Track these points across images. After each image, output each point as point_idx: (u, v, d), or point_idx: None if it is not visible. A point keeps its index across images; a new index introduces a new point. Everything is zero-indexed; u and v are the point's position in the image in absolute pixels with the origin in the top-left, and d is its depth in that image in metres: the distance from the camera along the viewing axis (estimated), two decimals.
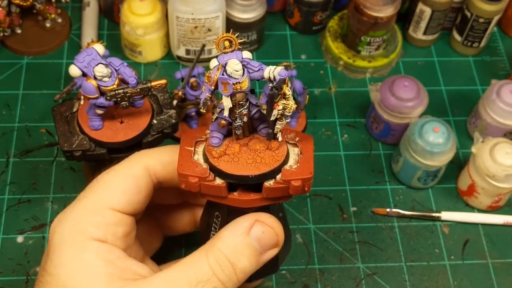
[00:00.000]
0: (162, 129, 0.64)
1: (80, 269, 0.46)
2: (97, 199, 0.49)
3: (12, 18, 0.87)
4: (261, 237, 0.46)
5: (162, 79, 0.61)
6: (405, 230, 0.78)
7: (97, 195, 0.50)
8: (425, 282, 0.74)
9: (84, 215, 0.48)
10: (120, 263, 0.47)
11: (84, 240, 0.47)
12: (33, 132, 0.82)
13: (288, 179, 0.45)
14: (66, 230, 0.48)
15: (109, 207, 0.49)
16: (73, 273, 0.46)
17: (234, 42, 0.45)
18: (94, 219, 0.48)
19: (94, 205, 0.49)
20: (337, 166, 0.83)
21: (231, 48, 0.45)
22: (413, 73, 0.88)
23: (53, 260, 0.47)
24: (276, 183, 0.45)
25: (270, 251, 0.48)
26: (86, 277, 0.45)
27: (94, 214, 0.48)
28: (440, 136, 0.76)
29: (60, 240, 0.47)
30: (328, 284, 0.73)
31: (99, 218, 0.48)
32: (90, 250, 0.46)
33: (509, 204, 0.81)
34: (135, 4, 0.85)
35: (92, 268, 0.46)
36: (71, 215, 0.49)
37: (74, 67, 0.59)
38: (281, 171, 0.46)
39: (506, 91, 0.80)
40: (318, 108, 0.88)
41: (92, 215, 0.48)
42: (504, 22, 0.98)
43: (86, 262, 0.46)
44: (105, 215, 0.48)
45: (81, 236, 0.47)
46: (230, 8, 0.87)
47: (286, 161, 0.46)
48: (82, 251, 0.46)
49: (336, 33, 0.93)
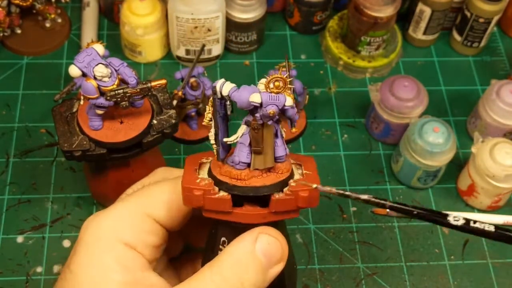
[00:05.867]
0: (162, 129, 0.64)
1: (98, 273, 0.45)
2: (138, 204, 0.49)
3: (12, 18, 0.87)
4: (266, 249, 0.45)
5: (162, 79, 0.61)
6: (405, 230, 0.78)
7: (139, 200, 0.49)
8: (425, 282, 0.74)
9: (121, 216, 0.48)
10: (139, 274, 0.46)
11: (112, 241, 0.46)
12: (33, 132, 0.82)
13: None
14: (99, 228, 0.47)
15: (148, 214, 0.49)
16: (91, 276, 0.45)
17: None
18: (130, 223, 0.47)
19: (134, 209, 0.48)
20: (337, 166, 0.83)
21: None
22: (413, 73, 0.88)
23: (78, 258, 0.47)
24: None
25: (276, 266, 0.47)
26: (101, 282, 0.45)
27: (131, 217, 0.48)
28: (440, 136, 0.76)
29: (90, 238, 0.47)
30: (328, 284, 0.73)
31: (135, 222, 0.48)
32: (114, 253, 0.46)
33: (509, 204, 0.81)
34: (135, 4, 0.85)
35: (109, 273, 0.45)
36: (109, 213, 0.48)
37: (74, 67, 0.59)
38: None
39: (506, 91, 0.80)
40: (318, 108, 0.88)
41: (129, 218, 0.48)
42: (504, 22, 0.98)
43: (105, 267, 0.45)
44: (143, 221, 0.48)
45: (111, 237, 0.46)
46: (230, 8, 0.87)
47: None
48: (105, 252, 0.46)
49: (336, 33, 0.93)
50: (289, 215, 0.46)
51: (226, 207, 0.45)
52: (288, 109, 0.44)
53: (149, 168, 0.70)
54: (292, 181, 0.45)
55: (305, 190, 0.44)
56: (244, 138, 0.45)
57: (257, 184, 0.45)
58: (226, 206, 0.45)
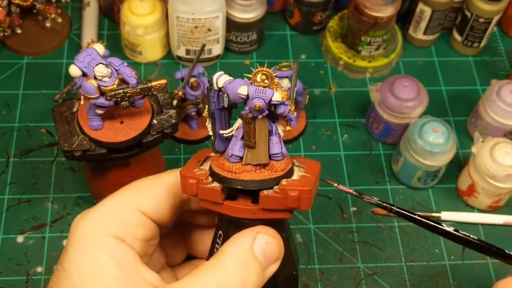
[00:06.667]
0: (162, 129, 0.64)
1: (92, 269, 0.45)
2: (124, 198, 0.49)
3: (12, 18, 0.87)
4: (265, 249, 0.46)
5: (162, 79, 0.61)
6: (405, 230, 0.78)
7: (125, 195, 0.50)
8: (425, 282, 0.74)
9: (109, 211, 0.48)
10: (131, 268, 0.46)
11: (102, 235, 0.46)
12: (33, 132, 0.82)
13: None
14: (88, 224, 0.48)
15: (135, 207, 0.49)
16: (85, 272, 0.45)
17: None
18: (118, 216, 0.48)
19: (121, 203, 0.49)
20: (337, 166, 0.83)
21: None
22: (413, 73, 0.88)
23: (70, 255, 0.47)
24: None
25: (273, 266, 0.47)
26: (95, 278, 0.45)
27: (118, 211, 0.48)
28: (440, 136, 0.76)
29: (80, 235, 0.47)
30: (328, 284, 0.73)
31: (122, 215, 0.48)
32: (105, 248, 0.46)
33: (509, 204, 0.81)
34: (135, 4, 0.85)
35: (104, 269, 0.45)
36: (96, 210, 0.49)
37: (74, 67, 0.59)
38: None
39: (506, 91, 0.80)
40: (318, 108, 0.88)
41: (116, 212, 0.48)
42: (504, 22, 0.98)
43: (98, 262, 0.46)
44: (129, 213, 0.48)
45: (101, 231, 0.47)
46: (230, 8, 0.87)
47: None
48: (97, 248, 0.46)
49: (336, 33, 0.93)
50: (280, 214, 0.46)
51: (217, 197, 0.45)
52: (278, 105, 0.43)
53: (149, 168, 0.70)
54: (285, 180, 0.45)
55: (294, 190, 0.44)
56: (239, 132, 0.45)
57: (246, 178, 0.45)
58: (217, 197, 0.45)
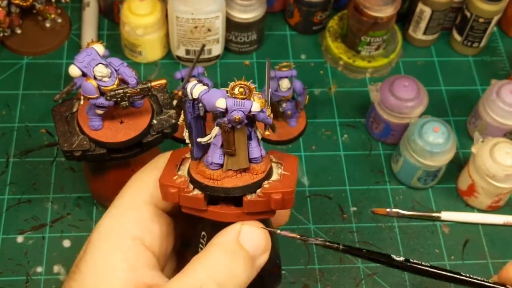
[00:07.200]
0: (162, 129, 0.64)
1: (103, 270, 0.45)
2: (132, 195, 0.49)
3: (12, 18, 0.87)
4: (250, 239, 0.46)
5: (162, 79, 0.61)
6: (405, 230, 0.78)
7: (131, 191, 0.49)
8: (425, 282, 0.74)
9: (121, 212, 0.48)
10: (145, 273, 0.46)
11: (120, 237, 0.46)
12: (33, 132, 0.82)
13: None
14: (104, 227, 0.48)
15: (143, 202, 0.49)
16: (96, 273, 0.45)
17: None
18: (131, 215, 0.48)
19: (130, 201, 0.49)
20: (337, 166, 0.83)
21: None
22: (413, 73, 0.88)
23: (86, 259, 0.47)
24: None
25: (262, 257, 0.47)
26: (105, 279, 0.45)
27: (130, 209, 0.48)
28: (440, 136, 0.76)
29: (97, 238, 0.47)
30: (328, 284, 0.73)
31: (135, 213, 0.48)
32: (121, 250, 0.46)
33: (509, 204, 0.81)
34: (135, 4, 0.85)
35: (115, 272, 0.45)
36: (110, 213, 0.49)
37: (74, 67, 0.59)
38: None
39: (506, 91, 0.80)
40: (318, 108, 0.88)
41: (128, 211, 0.48)
42: (504, 22, 0.98)
43: (112, 265, 0.46)
44: (141, 209, 0.48)
45: (119, 234, 0.47)
46: (230, 8, 0.87)
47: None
48: (113, 250, 0.46)
49: (336, 33, 0.93)
50: (264, 216, 0.46)
51: (200, 205, 0.45)
52: (258, 114, 0.43)
53: None
54: (266, 183, 0.45)
55: (277, 192, 0.45)
56: (217, 139, 0.46)
57: (228, 185, 0.45)
58: (200, 204, 0.45)
